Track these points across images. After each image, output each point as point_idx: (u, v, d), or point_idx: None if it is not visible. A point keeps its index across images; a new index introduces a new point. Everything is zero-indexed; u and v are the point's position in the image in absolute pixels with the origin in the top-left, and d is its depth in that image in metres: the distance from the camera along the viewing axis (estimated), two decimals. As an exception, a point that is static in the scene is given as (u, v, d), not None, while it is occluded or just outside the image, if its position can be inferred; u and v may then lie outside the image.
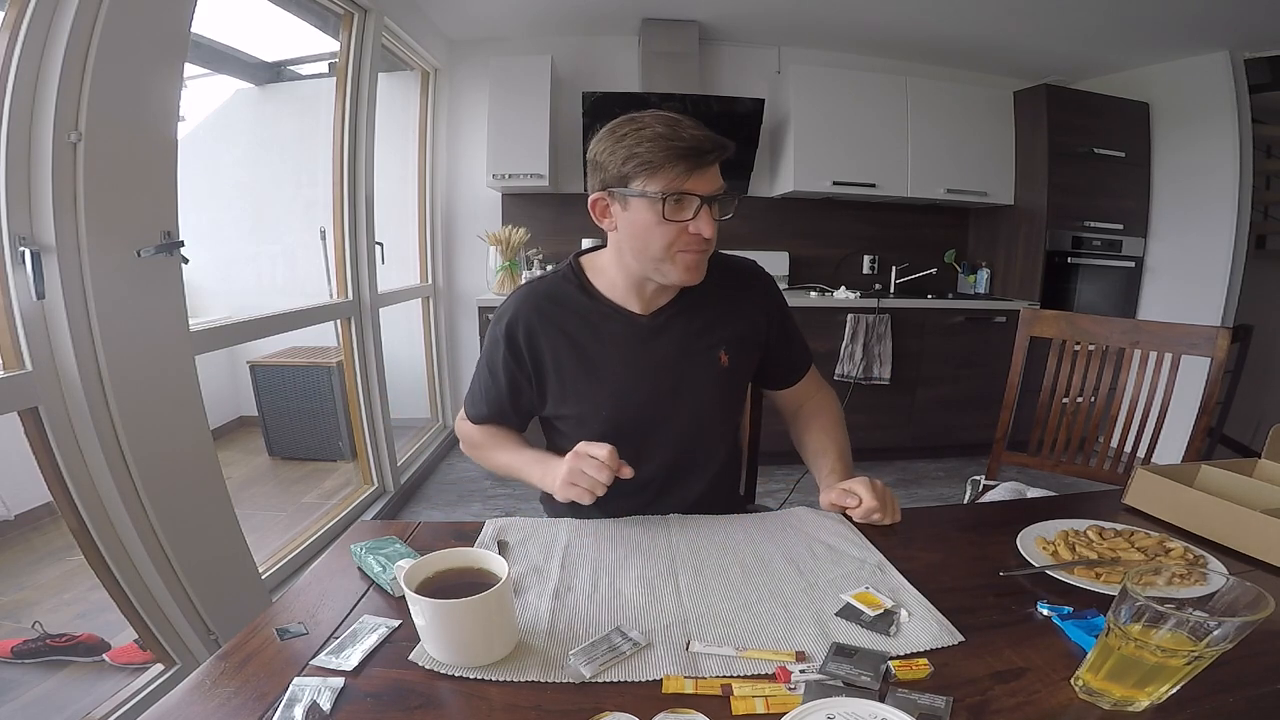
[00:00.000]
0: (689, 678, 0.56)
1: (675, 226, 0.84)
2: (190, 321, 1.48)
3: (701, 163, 0.82)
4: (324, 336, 3.03)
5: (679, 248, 0.86)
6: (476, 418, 1.06)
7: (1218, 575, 0.69)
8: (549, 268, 3.14)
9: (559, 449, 0.96)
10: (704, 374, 0.98)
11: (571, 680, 0.57)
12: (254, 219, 3.40)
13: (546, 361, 0.95)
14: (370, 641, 0.61)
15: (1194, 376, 1.37)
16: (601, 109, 3.00)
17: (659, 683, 0.56)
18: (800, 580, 0.73)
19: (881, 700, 0.53)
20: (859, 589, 0.70)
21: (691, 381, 0.97)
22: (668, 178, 0.81)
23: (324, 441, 3.05)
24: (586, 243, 3.13)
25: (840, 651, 0.59)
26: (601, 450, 0.82)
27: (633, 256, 0.90)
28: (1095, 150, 3.19)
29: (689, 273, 0.89)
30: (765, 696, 0.54)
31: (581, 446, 0.84)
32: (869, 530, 0.86)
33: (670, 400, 0.97)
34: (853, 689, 0.54)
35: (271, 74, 3.34)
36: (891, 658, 0.59)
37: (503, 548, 0.82)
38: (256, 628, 0.64)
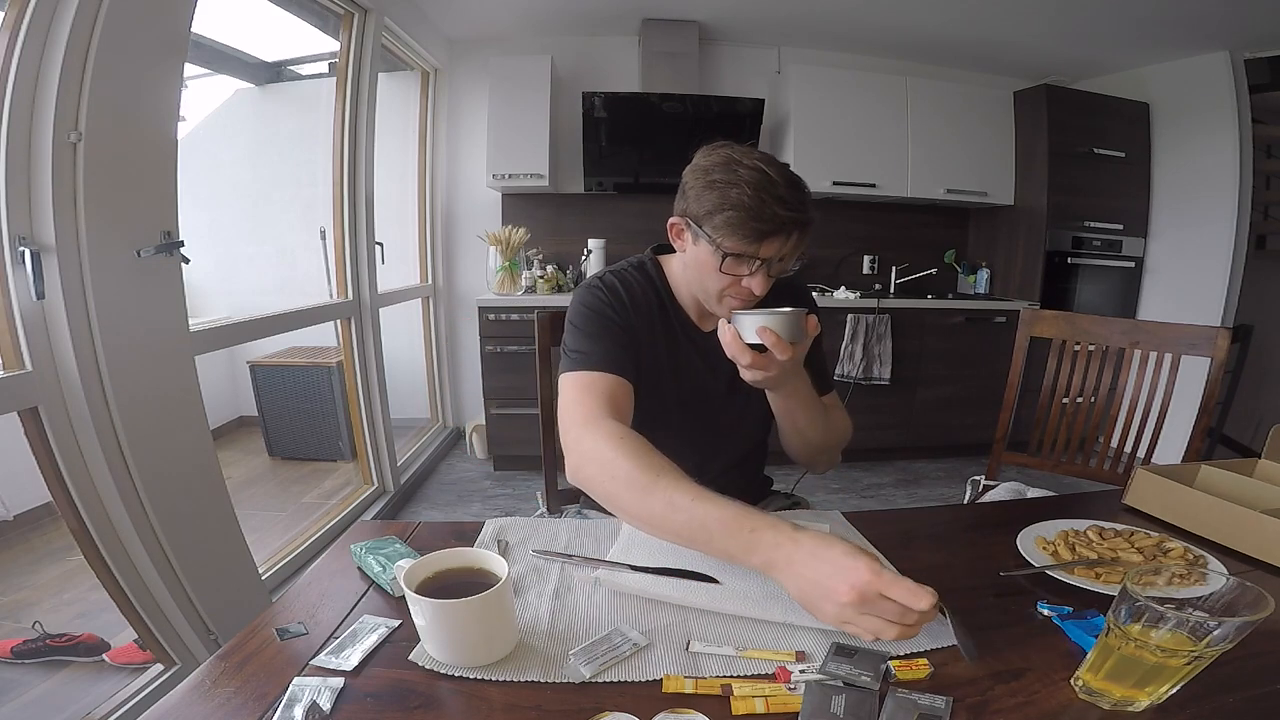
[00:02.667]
0: (689, 677, 0.56)
1: (730, 277, 0.87)
2: (190, 321, 1.48)
3: (776, 238, 0.84)
4: (324, 336, 3.03)
5: (729, 294, 0.90)
6: (583, 364, 0.87)
7: (1218, 575, 0.69)
8: (548, 267, 3.15)
9: None
10: (748, 386, 0.98)
11: (571, 680, 0.57)
12: (254, 219, 3.40)
13: (633, 320, 0.96)
14: (370, 641, 0.61)
15: (1194, 376, 1.37)
16: (602, 109, 3.01)
17: (659, 682, 0.56)
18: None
19: (881, 700, 0.53)
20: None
21: (738, 393, 1.00)
22: (741, 243, 0.84)
23: (324, 441, 3.05)
24: (594, 243, 3.16)
25: (840, 651, 0.59)
26: (927, 599, 0.56)
27: (689, 284, 0.97)
28: (1095, 150, 3.19)
29: (728, 313, 0.92)
30: (765, 696, 0.54)
31: (891, 587, 0.57)
32: (869, 530, 0.86)
33: (716, 402, 1.02)
34: (853, 689, 0.54)
35: (271, 74, 3.34)
36: (891, 658, 0.59)
37: (503, 548, 0.82)
38: (256, 628, 0.64)
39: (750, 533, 0.64)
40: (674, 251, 1.00)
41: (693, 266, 0.92)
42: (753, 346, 0.80)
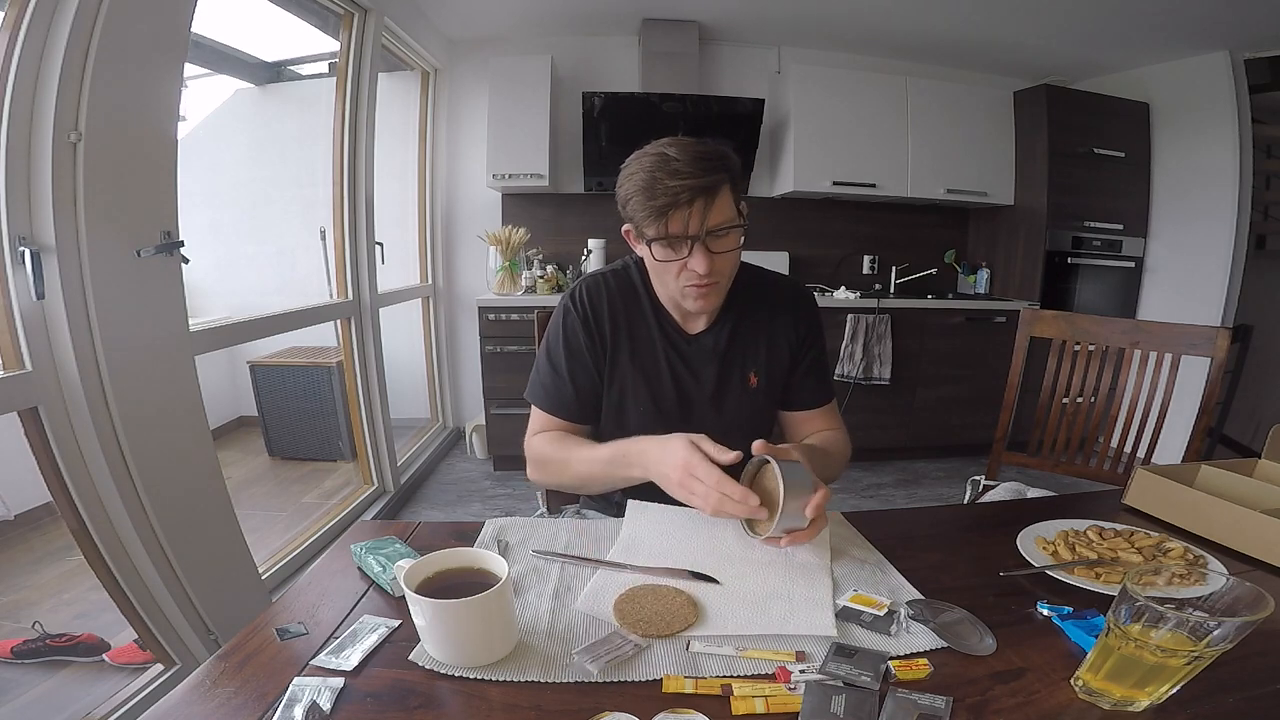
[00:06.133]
0: (689, 678, 0.56)
1: (674, 264, 0.88)
2: (190, 321, 1.48)
3: (683, 211, 0.84)
4: (324, 336, 3.03)
5: (684, 281, 0.90)
6: (541, 403, 1.02)
7: (1218, 575, 0.69)
8: (548, 267, 3.15)
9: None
10: (736, 393, 1.02)
11: (577, 679, 0.56)
12: (254, 219, 3.40)
13: (608, 335, 1.00)
14: (370, 641, 0.61)
15: (1194, 376, 1.37)
16: (602, 109, 3.01)
17: (659, 682, 0.56)
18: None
19: (881, 700, 0.53)
20: (858, 589, 0.70)
21: (723, 399, 1.02)
22: (652, 227, 0.86)
23: (324, 441, 3.05)
24: (594, 243, 3.16)
25: (840, 651, 0.59)
26: (711, 476, 0.73)
27: (657, 284, 0.98)
28: (1095, 150, 3.19)
29: (697, 303, 0.93)
30: (765, 696, 0.54)
31: (694, 461, 0.75)
32: (869, 530, 0.86)
33: (704, 410, 1.02)
34: (853, 689, 0.54)
35: (271, 74, 3.34)
36: (891, 658, 0.59)
37: (503, 548, 0.81)
38: (256, 628, 0.64)
39: (630, 445, 0.85)
40: None
41: (650, 267, 0.95)
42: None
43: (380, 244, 2.64)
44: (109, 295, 1.23)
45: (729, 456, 0.75)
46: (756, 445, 0.76)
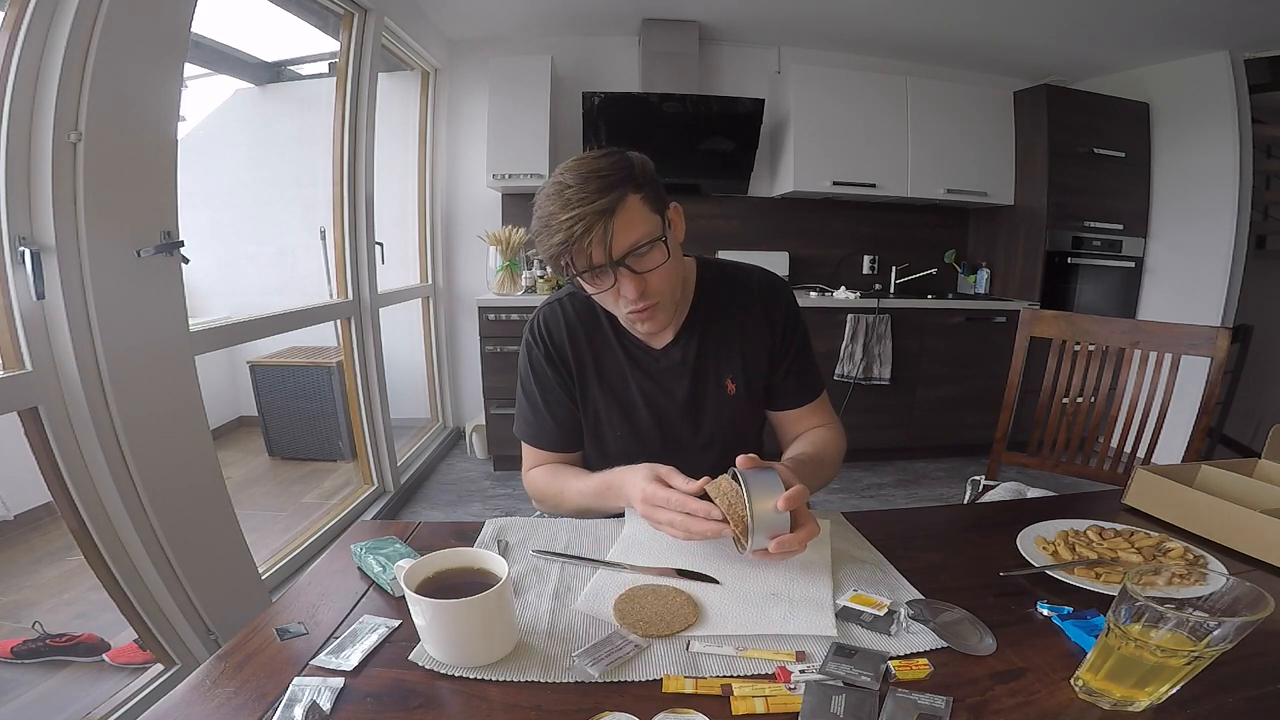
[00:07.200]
0: (689, 677, 0.56)
1: (607, 293, 0.84)
2: (190, 321, 1.48)
3: (582, 243, 0.77)
4: (324, 336, 3.03)
5: (622, 308, 0.86)
6: (528, 439, 1.03)
7: (1218, 575, 0.69)
8: (548, 267, 3.15)
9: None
10: (713, 404, 0.99)
11: (577, 680, 0.56)
12: (254, 219, 3.40)
13: (572, 364, 0.98)
14: (370, 641, 0.61)
15: (1194, 376, 1.37)
16: (602, 109, 3.01)
17: (659, 682, 0.56)
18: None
19: (881, 700, 0.53)
20: (858, 589, 0.70)
21: (700, 412, 0.99)
22: (558, 261, 0.81)
23: (324, 441, 3.05)
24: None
25: (840, 651, 0.59)
26: (671, 499, 0.73)
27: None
28: (1095, 150, 3.19)
29: (645, 326, 0.89)
30: (765, 696, 0.54)
31: (651, 491, 0.74)
32: (869, 530, 0.86)
33: (681, 425, 1.00)
34: (853, 689, 0.54)
35: (271, 74, 3.34)
36: (891, 658, 0.59)
37: (503, 548, 0.81)
38: (256, 628, 0.64)
39: (612, 477, 0.84)
40: None
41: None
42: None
43: (380, 244, 2.64)
44: (109, 295, 1.23)
45: (693, 486, 0.73)
46: (739, 461, 0.72)
